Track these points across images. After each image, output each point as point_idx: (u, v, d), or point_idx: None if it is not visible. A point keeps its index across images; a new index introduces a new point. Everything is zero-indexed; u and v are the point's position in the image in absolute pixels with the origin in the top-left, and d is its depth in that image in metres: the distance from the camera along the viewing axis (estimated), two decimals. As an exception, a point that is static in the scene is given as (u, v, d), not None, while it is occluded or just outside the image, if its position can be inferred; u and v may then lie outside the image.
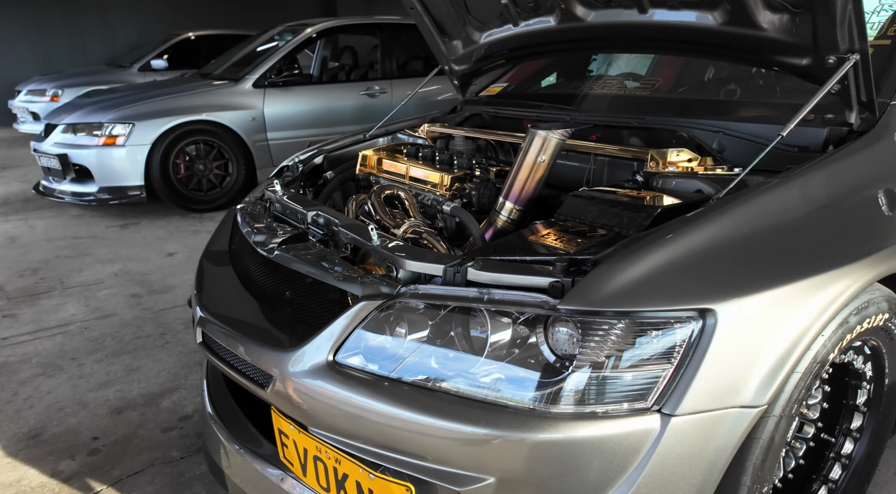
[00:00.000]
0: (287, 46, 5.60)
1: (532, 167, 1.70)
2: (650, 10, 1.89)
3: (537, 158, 1.68)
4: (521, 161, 1.72)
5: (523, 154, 1.71)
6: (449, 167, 2.14)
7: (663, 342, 1.12)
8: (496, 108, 2.64)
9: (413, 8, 2.65)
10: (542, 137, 1.67)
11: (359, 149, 2.75)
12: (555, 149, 1.68)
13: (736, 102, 1.96)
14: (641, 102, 2.21)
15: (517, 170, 1.72)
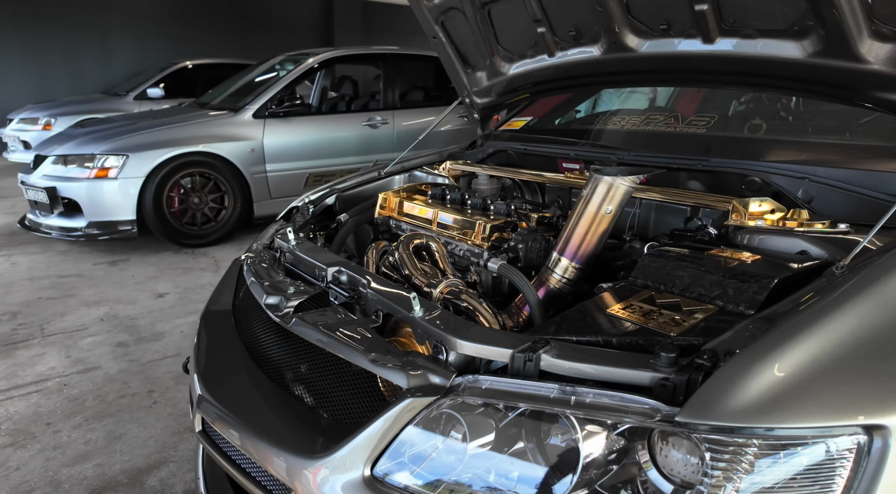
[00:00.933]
0: (288, 76, 5.39)
1: (594, 219, 1.44)
2: (717, 39, 1.66)
3: (601, 208, 1.43)
4: (582, 211, 1.45)
5: (584, 203, 1.45)
6: (483, 213, 1.87)
7: (819, 469, 0.84)
8: (524, 144, 2.40)
9: (436, 37, 2.43)
10: (607, 183, 1.41)
11: (374, 189, 2.50)
12: (622, 198, 1.42)
13: (814, 142, 1.72)
14: (694, 140, 1.97)
15: (576, 221, 1.46)
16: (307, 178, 5.39)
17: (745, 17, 1.57)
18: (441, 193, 2.09)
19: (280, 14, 12.65)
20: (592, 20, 1.92)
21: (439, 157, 2.75)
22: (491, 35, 2.29)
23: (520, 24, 2.16)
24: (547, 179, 2.07)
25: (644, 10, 1.78)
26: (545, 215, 1.81)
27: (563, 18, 2.01)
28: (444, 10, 2.29)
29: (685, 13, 1.67)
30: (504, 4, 2.13)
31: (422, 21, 2.39)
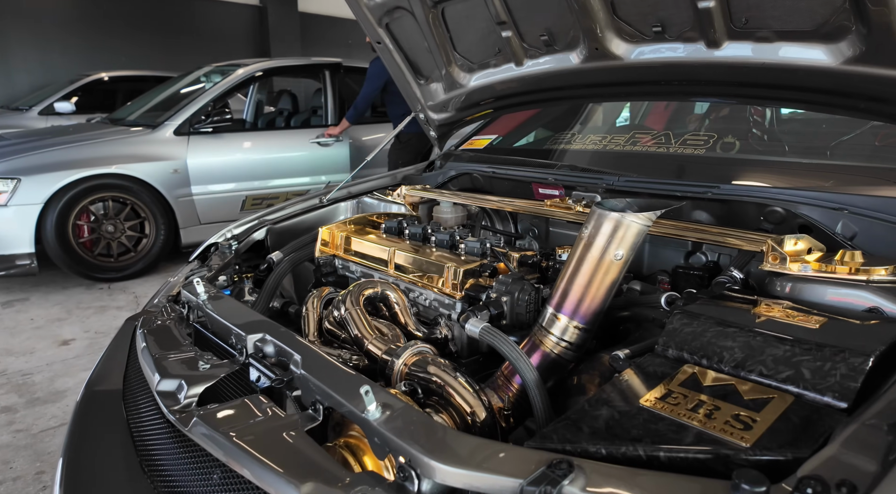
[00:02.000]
0: (216, 88, 4.94)
1: (600, 266, 1.14)
2: (725, 43, 1.42)
3: (608, 252, 1.13)
4: (583, 256, 1.16)
5: (585, 245, 1.15)
6: (452, 252, 1.55)
7: None
8: (492, 166, 2.10)
9: (380, 43, 2.11)
10: (614, 221, 1.12)
11: (315, 219, 2.14)
12: (635, 240, 1.13)
13: (848, 165, 1.50)
14: (695, 163, 1.73)
15: (576, 269, 1.16)
16: (244, 201, 4.90)
17: (760, 16, 1.33)
18: (397, 225, 1.76)
19: (210, 24, 12.08)
20: (569, 22, 1.65)
21: (392, 180, 2.42)
22: (446, 40, 1.99)
23: (481, 28, 1.87)
24: (522, 209, 1.77)
25: (633, 9, 1.52)
26: (527, 253, 1.51)
27: (533, 20, 1.73)
28: (388, 9, 1.98)
29: (685, 13, 1.42)
30: (460, 4, 1.84)
31: (363, 24, 2.08)
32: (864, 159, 1.57)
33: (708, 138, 1.80)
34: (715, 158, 1.72)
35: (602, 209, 1.15)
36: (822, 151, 1.68)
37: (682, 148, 1.82)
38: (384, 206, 2.16)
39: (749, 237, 1.27)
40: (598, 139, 2.08)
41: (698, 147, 1.78)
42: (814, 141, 1.92)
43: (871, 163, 1.53)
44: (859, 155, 1.61)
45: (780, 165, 1.60)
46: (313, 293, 1.58)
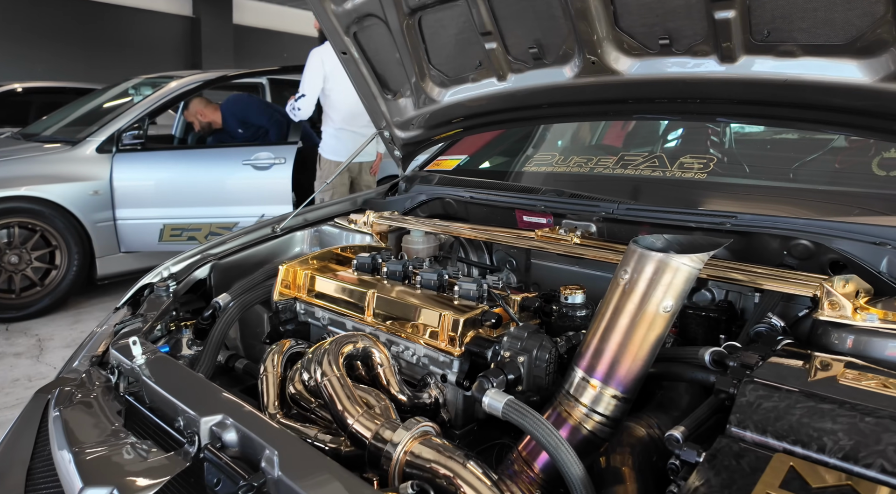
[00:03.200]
0: (146, 102, 4.49)
1: (641, 319, 0.94)
2: (741, 57, 1.27)
3: (651, 301, 0.93)
4: (620, 307, 0.95)
5: (623, 293, 0.95)
6: (441, 294, 1.32)
7: None
8: (468, 190, 1.89)
9: (346, 53, 1.87)
10: (658, 263, 0.92)
11: (267, 252, 1.85)
12: (685, 286, 0.94)
13: (869, 194, 1.38)
14: (700, 189, 1.58)
15: (612, 321, 0.96)
16: (161, 230, 4.27)
17: (786, 28, 1.19)
18: (372, 261, 1.51)
19: (139, 34, 11.38)
20: (563, 33, 1.48)
21: (352, 205, 2.16)
22: (421, 52, 1.78)
23: (461, 39, 1.68)
24: (510, 241, 1.56)
25: (638, 19, 1.36)
26: (528, 295, 1.30)
27: (522, 31, 1.55)
28: (358, 18, 1.75)
29: (698, 24, 1.27)
30: (441, 12, 1.64)
31: (328, 32, 1.84)
32: (855, 181, 1.47)
33: (707, 161, 1.66)
34: (719, 184, 1.58)
35: (641, 248, 0.95)
36: (843, 176, 1.56)
37: (681, 172, 1.67)
38: (347, 236, 1.90)
39: (792, 279, 1.11)
40: (583, 161, 1.92)
41: (698, 171, 1.64)
42: (778, 162, 1.83)
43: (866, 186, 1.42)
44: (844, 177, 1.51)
45: (797, 193, 1.46)
46: (272, 349, 1.30)
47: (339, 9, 1.73)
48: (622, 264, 0.97)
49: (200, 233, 4.34)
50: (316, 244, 1.94)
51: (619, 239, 1.52)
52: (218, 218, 4.32)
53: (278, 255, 1.87)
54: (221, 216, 4.32)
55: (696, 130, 2.08)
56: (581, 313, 1.24)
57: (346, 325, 1.37)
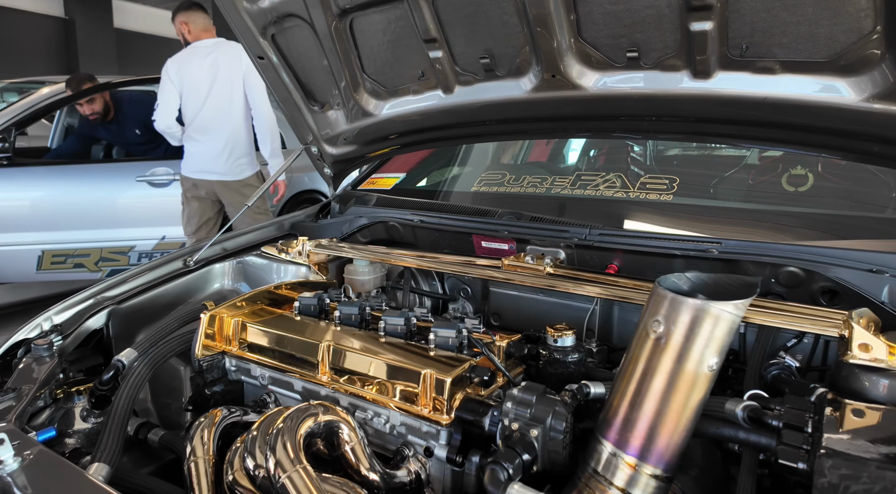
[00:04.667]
0: (11, 110, 3.83)
1: (681, 379, 0.78)
2: (716, 73, 1.18)
3: (690, 357, 0.77)
4: (653, 363, 0.79)
5: (655, 348, 0.79)
6: (410, 343, 1.09)
7: None
8: (416, 213, 1.68)
9: (263, 58, 1.61)
10: (695, 310, 0.77)
11: (178, 291, 1.53)
12: (727, 340, 0.79)
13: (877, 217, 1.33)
14: (672, 212, 1.49)
15: (643, 383, 0.79)
16: (40, 257, 3.65)
17: (765, 43, 1.11)
18: (318, 303, 1.25)
19: (2, 35, 10.06)
20: (518, 42, 1.33)
21: (278, 229, 1.87)
22: (353, 59, 1.56)
23: (401, 46, 1.49)
24: (475, 272, 1.38)
25: (604, 30, 1.23)
26: (512, 339, 1.11)
27: (470, 39, 1.39)
28: (276, 18, 1.51)
29: (670, 37, 1.17)
30: (377, 14, 1.43)
31: (241, 34, 1.57)
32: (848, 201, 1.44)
33: (670, 182, 1.56)
34: (688, 206, 1.49)
35: (668, 291, 0.80)
36: (828, 196, 1.51)
37: (645, 193, 1.56)
38: (279, 268, 1.62)
39: (807, 314, 1.00)
40: (538, 181, 1.77)
41: (662, 193, 1.54)
42: (699, 179, 1.80)
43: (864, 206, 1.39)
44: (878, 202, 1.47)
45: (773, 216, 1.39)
46: (201, 422, 1.01)
47: (254, 7, 1.49)
48: (651, 311, 0.81)
49: (89, 259, 3.76)
50: (240, 279, 1.64)
51: (590, 267, 1.38)
52: (110, 242, 3.76)
53: (193, 293, 1.56)
54: (114, 240, 3.77)
55: (616, 148, 2.02)
56: (573, 357, 1.08)
57: (294, 385, 1.11)
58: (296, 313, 1.25)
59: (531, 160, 2.27)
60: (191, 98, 3.16)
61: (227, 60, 3.02)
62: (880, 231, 1.31)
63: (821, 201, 1.51)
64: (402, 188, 2.02)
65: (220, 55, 3.05)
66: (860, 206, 1.46)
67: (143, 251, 3.89)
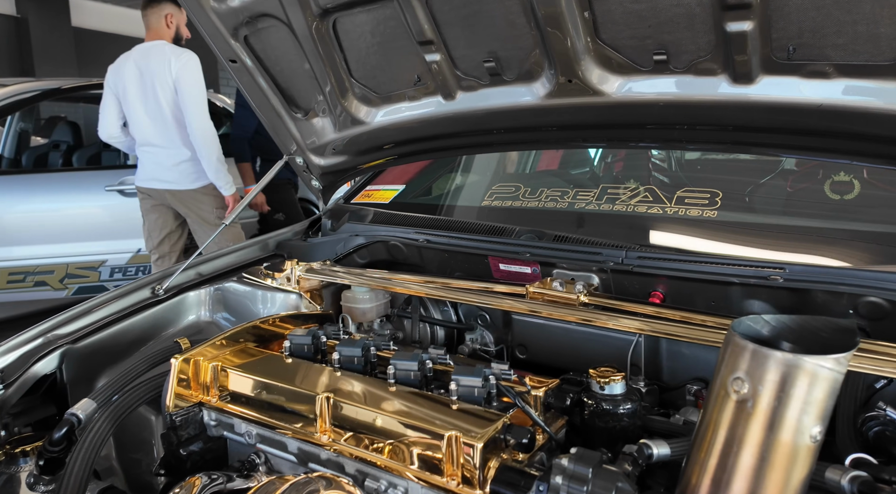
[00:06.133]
0: (-43, 113, 3.68)
1: (776, 451, 0.67)
2: (760, 78, 1.11)
3: (785, 424, 0.67)
4: (738, 433, 0.69)
5: (738, 413, 0.68)
6: (427, 393, 0.98)
7: None
8: (420, 231, 1.57)
9: (235, 61, 1.53)
10: (786, 366, 0.68)
11: (146, 326, 1.41)
12: (830, 401, 0.69)
13: None
14: (715, 229, 1.39)
15: (728, 457, 0.68)
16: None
17: (817, 44, 1.04)
18: (312, 343, 1.13)
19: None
20: (527, 45, 1.25)
21: (263, 249, 1.76)
22: (339, 62, 1.48)
23: (392, 48, 1.40)
24: (494, 302, 1.28)
25: (625, 30, 1.15)
26: (546, 382, 1.00)
27: (472, 41, 1.31)
28: (248, 18, 1.42)
29: (703, 37, 1.10)
30: (363, 14, 1.34)
31: (209, 36, 1.49)
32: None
33: (712, 196, 1.47)
34: (736, 224, 1.40)
35: (753, 344, 0.69)
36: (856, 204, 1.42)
37: (684, 208, 1.46)
38: (265, 296, 1.50)
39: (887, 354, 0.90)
40: (558, 195, 1.67)
41: (706, 208, 1.44)
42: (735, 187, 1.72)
43: None
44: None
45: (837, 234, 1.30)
46: (176, 493, 0.88)
47: (222, 6, 1.40)
48: (729, 365, 0.71)
49: (53, 277, 3.61)
50: (220, 309, 1.52)
51: (630, 295, 1.28)
52: (78, 256, 3.63)
53: (165, 327, 1.43)
54: (82, 254, 3.64)
55: (635, 153, 1.94)
56: (626, 407, 0.97)
57: (288, 445, 0.99)
58: (286, 354, 1.13)
59: (540, 169, 2.19)
60: (128, 105, 3.07)
61: (157, 66, 2.91)
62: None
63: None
64: (403, 202, 1.91)
65: (151, 60, 2.94)
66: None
67: (115, 266, 3.80)
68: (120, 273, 3.83)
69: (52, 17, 11.21)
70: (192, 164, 3.04)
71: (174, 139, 3.02)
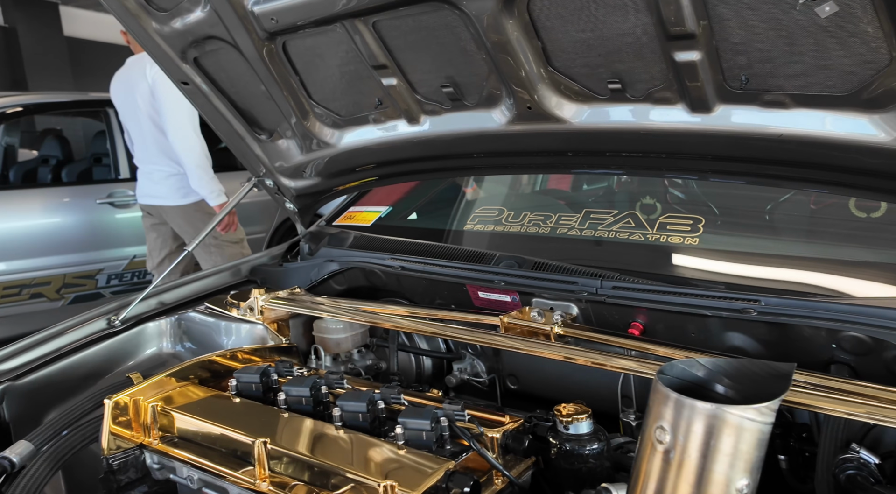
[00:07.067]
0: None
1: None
2: (717, 107, 1.12)
3: (713, 479, 0.67)
4: (663, 486, 0.69)
5: (664, 466, 0.70)
6: (375, 437, 0.97)
7: None
8: (396, 257, 1.57)
9: (188, 83, 1.54)
10: (709, 418, 0.69)
11: (100, 359, 1.42)
12: (758, 452, 0.69)
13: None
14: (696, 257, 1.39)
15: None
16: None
17: (768, 75, 1.05)
18: (261, 381, 1.12)
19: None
20: (482, 71, 1.27)
21: (233, 275, 1.76)
22: (295, 84, 1.49)
23: (349, 71, 1.42)
24: (464, 335, 1.27)
25: (576, 59, 1.17)
26: (507, 422, 0.98)
27: (427, 66, 1.32)
28: (194, 40, 1.43)
29: (654, 66, 1.11)
30: (312, 38, 1.35)
31: (157, 59, 1.50)
32: None
33: (694, 222, 1.45)
34: (717, 252, 1.39)
35: (676, 393, 0.69)
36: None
37: (665, 235, 1.45)
38: (229, 327, 1.50)
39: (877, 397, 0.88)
40: (540, 219, 1.66)
41: (688, 235, 1.43)
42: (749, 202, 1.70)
43: None
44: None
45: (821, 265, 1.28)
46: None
47: (166, 28, 1.41)
48: (654, 413, 0.72)
49: (50, 288, 3.80)
50: (184, 340, 1.52)
51: (610, 326, 1.26)
52: (74, 266, 3.87)
53: (122, 361, 1.44)
54: (78, 264, 3.89)
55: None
56: (591, 448, 0.96)
57: (230, 491, 0.98)
58: (233, 393, 1.12)
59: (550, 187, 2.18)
60: (124, 121, 3.18)
61: (137, 76, 2.98)
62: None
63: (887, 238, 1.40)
64: (384, 225, 1.91)
65: (132, 72, 3.03)
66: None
67: (112, 273, 4.06)
68: (117, 279, 4.08)
69: (43, 26, 11.41)
70: (180, 178, 3.08)
71: (158, 152, 3.08)
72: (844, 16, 0.90)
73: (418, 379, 1.51)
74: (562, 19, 1.10)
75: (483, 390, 1.42)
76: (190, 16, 1.36)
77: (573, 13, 1.08)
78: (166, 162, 3.07)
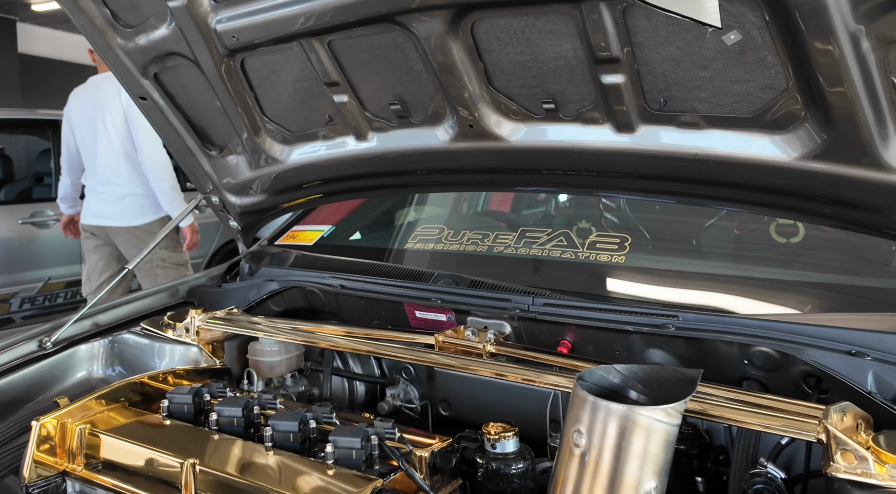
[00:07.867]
0: None
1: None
2: (640, 128, 1.18)
3: (625, 482, 0.69)
4: (580, 489, 0.69)
5: (580, 468, 0.72)
6: (304, 458, 0.96)
7: None
8: (336, 276, 1.57)
9: (146, 99, 1.55)
10: (621, 418, 0.72)
11: (29, 383, 1.38)
12: (666, 453, 0.72)
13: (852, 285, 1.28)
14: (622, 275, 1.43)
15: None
16: None
17: (684, 97, 1.11)
18: (193, 402, 1.10)
19: None
20: (428, 89, 1.32)
21: (171, 296, 1.73)
22: (250, 101, 1.52)
23: (302, 88, 1.45)
24: (401, 354, 1.27)
25: (514, 79, 1.22)
26: (434, 443, 0.99)
27: (377, 84, 1.37)
28: (157, 57, 1.45)
29: (584, 88, 1.17)
30: (270, 55, 1.38)
31: (118, 73, 1.52)
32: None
33: (622, 241, 1.50)
34: (641, 270, 1.45)
35: (593, 396, 0.71)
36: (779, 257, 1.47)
37: (595, 253, 1.49)
38: (163, 349, 1.46)
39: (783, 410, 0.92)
40: (479, 237, 1.69)
41: (615, 253, 1.47)
42: (678, 227, 1.77)
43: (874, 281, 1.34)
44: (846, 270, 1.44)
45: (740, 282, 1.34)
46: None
47: (130, 44, 1.43)
48: (571, 418, 0.74)
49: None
50: (115, 364, 1.48)
51: (540, 344, 1.28)
52: None
53: (50, 385, 1.39)
54: None
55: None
56: (517, 467, 0.97)
57: (154, 517, 0.95)
58: (164, 415, 1.09)
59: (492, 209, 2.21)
60: (81, 139, 3.09)
61: (108, 96, 2.93)
62: (865, 302, 1.26)
63: (805, 259, 1.47)
64: (327, 244, 1.91)
65: (101, 92, 2.96)
66: (851, 265, 1.42)
67: (26, 297, 3.91)
68: (29, 304, 3.92)
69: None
70: (136, 199, 3.02)
71: (122, 173, 3.01)
72: (746, 44, 0.97)
73: (351, 405, 1.50)
74: (502, 42, 1.15)
75: (415, 417, 1.41)
76: (155, 33, 1.39)
77: (512, 36, 1.13)
78: (127, 183, 3.00)
